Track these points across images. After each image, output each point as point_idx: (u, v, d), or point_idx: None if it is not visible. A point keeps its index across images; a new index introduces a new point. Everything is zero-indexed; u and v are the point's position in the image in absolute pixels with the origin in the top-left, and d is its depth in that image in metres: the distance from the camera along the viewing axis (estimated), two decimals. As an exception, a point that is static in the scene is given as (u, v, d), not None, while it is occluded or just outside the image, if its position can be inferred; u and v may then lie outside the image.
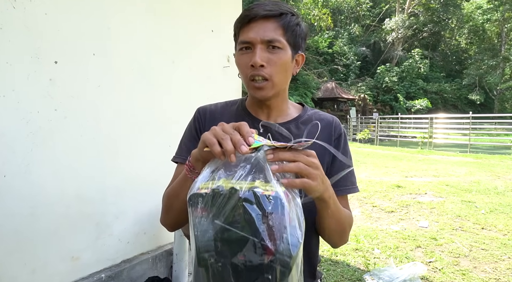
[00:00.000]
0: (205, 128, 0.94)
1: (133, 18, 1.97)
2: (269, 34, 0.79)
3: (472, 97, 28.08)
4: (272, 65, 0.81)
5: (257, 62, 0.78)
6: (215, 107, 0.98)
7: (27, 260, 1.56)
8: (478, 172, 7.36)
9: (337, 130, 0.94)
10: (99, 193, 1.86)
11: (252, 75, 0.81)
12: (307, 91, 20.69)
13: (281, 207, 0.56)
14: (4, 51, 1.43)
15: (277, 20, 0.80)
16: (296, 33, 0.83)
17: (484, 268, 2.82)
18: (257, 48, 0.79)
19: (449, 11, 29.43)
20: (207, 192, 0.59)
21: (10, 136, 1.48)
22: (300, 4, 20.13)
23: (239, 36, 0.84)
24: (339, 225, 0.80)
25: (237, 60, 0.85)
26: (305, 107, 0.99)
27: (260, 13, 0.79)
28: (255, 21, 0.80)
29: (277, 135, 0.90)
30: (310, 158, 0.64)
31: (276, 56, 0.81)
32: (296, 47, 0.85)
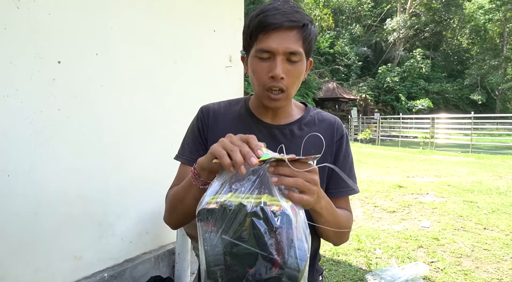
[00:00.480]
0: (209, 128, 0.94)
1: (135, 18, 1.98)
2: (291, 46, 0.77)
3: (474, 98, 28.04)
4: (290, 77, 0.80)
5: (279, 75, 0.78)
6: (218, 107, 0.97)
7: (30, 259, 1.56)
8: (480, 172, 7.35)
9: (339, 132, 0.94)
10: (102, 192, 1.86)
11: (270, 87, 0.80)
12: (308, 92, 20.68)
13: (288, 222, 0.58)
14: (8, 51, 1.44)
15: (299, 31, 0.78)
16: (312, 42, 0.83)
17: (486, 268, 2.81)
18: (278, 59, 0.78)
19: (451, 11, 29.37)
20: (216, 207, 0.60)
21: (13, 136, 1.48)
22: (302, 4, 20.13)
23: (257, 41, 0.79)
24: (335, 228, 0.81)
25: (253, 66, 0.82)
26: (308, 107, 0.99)
27: (284, 24, 0.76)
28: (278, 31, 0.76)
29: (279, 135, 0.91)
30: (311, 174, 0.65)
31: (295, 68, 0.80)
32: (309, 54, 0.85)
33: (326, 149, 0.90)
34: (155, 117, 2.11)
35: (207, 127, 0.94)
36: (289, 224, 0.57)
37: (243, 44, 0.88)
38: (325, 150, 0.90)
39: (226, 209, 0.59)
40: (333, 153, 0.92)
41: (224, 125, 0.93)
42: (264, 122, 0.92)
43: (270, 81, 0.80)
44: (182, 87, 2.30)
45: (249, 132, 0.90)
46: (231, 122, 0.94)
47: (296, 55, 0.79)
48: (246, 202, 0.59)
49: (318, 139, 0.89)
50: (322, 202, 0.72)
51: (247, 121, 0.93)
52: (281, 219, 0.57)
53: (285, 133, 0.91)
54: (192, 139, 0.95)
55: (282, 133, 0.91)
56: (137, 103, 2.01)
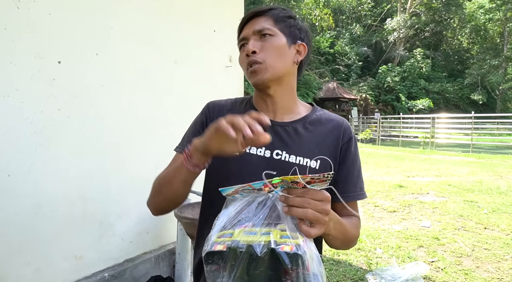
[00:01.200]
0: (212, 121, 0.92)
1: (135, 18, 1.98)
2: (258, 25, 0.85)
3: (474, 97, 28.00)
4: (264, 51, 0.84)
5: (249, 49, 0.83)
6: (225, 103, 0.98)
7: (31, 259, 1.57)
8: (480, 172, 7.34)
9: (347, 134, 0.91)
10: (102, 192, 1.86)
11: (248, 63, 0.85)
12: (308, 92, 20.67)
13: (301, 261, 0.55)
14: (8, 51, 1.44)
15: (267, 14, 0.87)
16: (290, 24, 0.88)
17: (487, 267, 2.81)
18: (250, 40, 0.85)
19: (451, 11, 29.33)
20: (224, 248, 0.57)
21: (14, 136, 1.49)
22: (302, 4, 20.12)
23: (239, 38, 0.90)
24: (343, 240, 0.81)
25: (238, 58, 0.90)
26: (315, 107, 0.98)
27: (252, 16, 0.87)
28: (250, 21, 0.87)
29: (282, 133, 0.89)
30: (322, 203, 0.62)
31: (267, 42, 0.85)
32: (292, 36, 0.88)
33: (330, 150, 0.88)
34: (155, 117, 2.12)
35: (211, 121, 0.92)
36: (302, 263, 0.55)
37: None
38: (328, 151, 0.88)
39: (236, 251, 0.56)
40: (338, 155, 0.90)
41: None
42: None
43: (246, 59, 0.85)
44: (182, 87, 2.30)
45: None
46: None
47: (265, 30, 0.85)
48: (256, 242, 0.56)
49: (322, 139, 0.88)
50: (331, 224, 0.70)
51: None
52: (295, 260, 0.55)
53: (289, 131, 0.89)
54: (192, 134, 0.93)
55: (285, 131, 0.89)
56: (137, 103, 2.01)
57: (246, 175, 0.84)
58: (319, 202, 0.62)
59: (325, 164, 0.87)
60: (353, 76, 26.80)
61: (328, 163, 0.87)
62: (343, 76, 26.73)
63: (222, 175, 0.88)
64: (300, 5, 20.03)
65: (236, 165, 0.85)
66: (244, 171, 0.85)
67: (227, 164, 0.86)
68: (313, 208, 0.61)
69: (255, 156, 0.86)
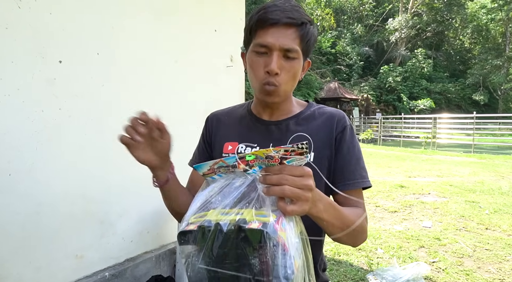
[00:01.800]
0: (212, 133, 1.00)
1: (136, 18, 1.98)
2: (288, 43, 0.78)
3: (476, 98, 27.94)
4: (285, 74, 0.81)
5: (274, 70, 0.79)
6: (223, 112, 1.04)
7: (32, 258, 1.57)
8: (482, 172, 7.32)
9: (341, 124, 0.90)
10: (103, 191, 1.87)
11: (266, 82, 0.81)
12: (310, 91, 20.65)
13: (269, 239, 0.53)
14: (9, 50, 1.44)
15: (297, 29, 0.79)
16: (311, 42, 0.84)
17: (488, 268, 2.80)
18: (274, 55, 0.79)
19: (453, 11, 29.30)
20: (194, 228, 0.57)
21: (15, 135, 1.49)
22: (303, 4, 20.11)
23: (255, 36, 0.82)
24: (343, 228, 0.74)
25: (250, 60, 0.84)
26: (310, 103, 0.99)
27: (282, 20, 0.77)
28: (276, 27, 0.78)
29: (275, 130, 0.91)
30: (302, 179, 0.59)
31: (290, 65, 0.81)
32: (307, 54, 0.86)
33: (324, 142, 0.88)
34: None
35: (212, 133, 1.00)
36: (271, 241, 0.53)
37: (243, 40, 0.89)
38: (323, 143, 0.88)
39: (205, 229, 0.56)
40: (333, 145, 0.88)
41: (225, 127, 0.99)
42: (262, 120, 0.94)
43: (265, 76, 0.81)
44: (183, 86, 2.30)
45: (247, 130, 0.94)
46: (232, 123, 0.99)
47: (292, 53, 0.79)
48: (226, 220, 0.55)
49: (315, 133, 0.89)
50: (320, 205, 0.65)
51: (246, 121, 0.97)
52: (262, 237, 0.52)
53: (281, 128, 0.91)
54: (197, 147, 1.05)
55: (278, 128, 0.91)
56: (138, 103, 2.01)
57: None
58: (298, 177, 0.59)
59: (320, 156, 0.87)
60: (355, 76, 26.77)
61: (323, 154, 0.87)
62: (345, 76, 26.69)
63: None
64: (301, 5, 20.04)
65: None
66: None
67: None
68: (291, 184, 0.58)
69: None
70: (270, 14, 0.78)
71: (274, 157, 0.58)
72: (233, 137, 0.95)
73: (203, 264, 0.57)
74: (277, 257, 0.53)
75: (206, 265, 0.57)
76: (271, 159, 0.59)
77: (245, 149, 0.91)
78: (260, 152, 0.58)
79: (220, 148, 0.95)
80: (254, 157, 0.59)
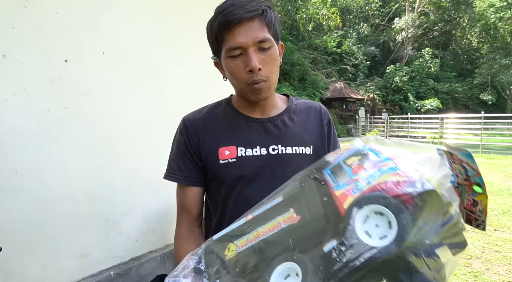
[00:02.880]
0: (200, 141, 0.89)
1: (141, 17, 1.98)
2: (258, 35, 0.76)
3: (484, 97, 27.60)
4: (267, 66, 0.79)
5: (256, 67, 0.77)
6: (202, 115, 0.94)
7: (38, 256, 1.58)
8: (490, 173, 7.23)
9: (326, 116, 0.98)
10: (108, 190, 1.87)
11: (252, 81, 0.79)
12: (315, 91, 20.58)
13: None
14: (16, 49, 1.45)
15: (260, 18, 0.77)
16: (277, 25, 0.82)
17: (497, 270, 2.76)
18: (250, 52, 0.77)
19: (461, 10, 28.98)
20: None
21: (21, 134, 1.50)
22: (309, 3, 20.06)
23: (224, 41, 0.79)
24: None
25: (228, 66, 0.81)
26: (290, 97, 1.00)
27: (244, 16, 0.75)
28: (241, 25, 0.76)
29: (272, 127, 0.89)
30: None
31: (268, 55, 0.79)
32: (278, 38, 0.84)
33: (317, 134, 0.94)
34: (160, 116, 2.11)
35: (198, 141, 0.89)
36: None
37: (211, 49, 0.86)
38: (316, 136, 0.93)
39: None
40: (325, 138, 0.95)
41: (212, 131, 0.90)
42: (254, 118, 0.90)
43: (249, 76, 0.79)
44: (188, 86, 2.30)
45: (241, 131, 0.88)
46: (221, 127, 0.90)
47: (266, 42, 0.78)
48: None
49: (308, 126, 0.93)
50: None
51: (236, 121, 0.90)
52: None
53: (277, 125, 0.90)
54: (179, 156, 0.92)
55: (274, 125, 0.90)
56: (143, 102, 2.01)
57: (250, 177, 0.84)
58: None
59: (317, 148, 0.92)
60: (361, 76, 26.62)
61: (320, 146, 0.93)
62: (350, 76, 26.56)
63: (225, 182, 0.87)
64: (307, 4, 19.97)
65: (237, 170, 0.85)
66: (246, 174, 0.85)
67: (227, 170, 0.85)
68: None
69: (252, 157, 0.85)
70: (230, 15, 0.76)
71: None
72: (227, 141, 0.87)
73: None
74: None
75: None
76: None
77: (245, 151, 0.85)
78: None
79: (215, 156, 0.86)
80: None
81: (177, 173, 0.91)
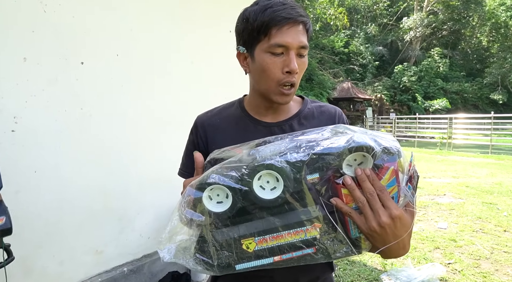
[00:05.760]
0: (208, 140, 0.91)
1: (154, 21, 2.03)
2: (303, 40, 0.78)
3: (494, 97, 27.19)
4: (299, 72, 0.80)
5: (295, 70, 0.77)
6: (213, 115, 0.95)
7: (55, 252, 1.63)
8: (500, 173, 7.15)
9: (340, 122, 0.92)
10: (122, 189, 1.92)
11: (286, 82, 0.79)
12: (322, 91, 20.52)
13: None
14: (36, 53, 1.51)
15: (304, 25, 0.79)
16: (310, 35, 0.83)
17: (507, 271, 2.75)
18: (291, 54, 0.77)
19: (470, 8, 28.57)
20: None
21: (40, 134, 1.55)
22: (316, 3, 20.00)
23: (270, 36, 0.77)
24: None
25: (264, 62, 0.80)
26: (305, 100, 0.96)
27: (298, 19, 0.76)
28: (293, 25, 0.76)
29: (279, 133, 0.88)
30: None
31: (303, 62, 0.80)
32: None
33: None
34: (172, 117, 2.16)
35: (206, 140, 0.91)
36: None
37: (242, 39, 0.85)
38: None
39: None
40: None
41: (221, 131, 0.91)
42: (262, 122, 0.90)
43: (284, 76, 0.79)
44: (199, 86, 2.34)
45: (248, 135, 0.88)
46: (230, 127, 0.91)
47: (305, 50, 0.79)
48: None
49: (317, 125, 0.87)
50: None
51: (245, 124, 0.90)
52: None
53: (285, 130, 0.88)
54: (187, 154, 0.95)
55: (282, 130, 0.88)
56: (155, 103, 2.06)
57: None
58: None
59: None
60: (368, 76, 26.45)
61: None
62: (358, 76, 26.40)
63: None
64: (314, 4, 19.91)
65: None
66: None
67: None
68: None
69: None
70: (283, 12, 0.75)
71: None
72: (234, 143, 0.86)
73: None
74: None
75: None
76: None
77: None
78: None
79: None
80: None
81: (184, 169, 0.96)
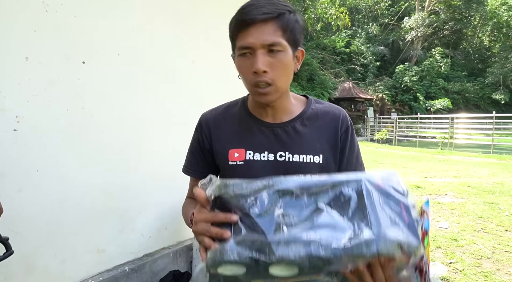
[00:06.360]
0: (212, 138, 0.92)
1: (155, 20, 2.03)
2: (268, 38, 0.76)
3: (496, 97, 27.15)
4: (274, 70, 0.78)
5: (260, 69, 0.76)
6: (217, 113, 0.96)
7: (57, 251, 1.64)
8: (501, 173, 7.13)
9: (344, 124, 0.91)
10: (123, 188, 1.93)
11: (256, 82, 0.79)
12: (324, 91, 20.53)
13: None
14: (38, 52, 1.51)
15: (275, 21, 0.77)
16: (296, 30, 0.80)
17: (508, 270, 2.74)
18: (257, 54, 0.76)
19: (472, 8, 28.53)
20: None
21: (42, 133, 1.56)
22: (317, 3, 19.99)
23: (236, 40, 0.80)
24: None
25: (238, 65, 0.82)
26: (309, 99, 0.96)
27: (258, 18, 0.75)
28: (253, 25, 0.76)
29: (282, 134, 0.88)
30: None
31: (277, 59, 0.78)
32: (296, 44, 0.82)
33: (330, 142, 0.89)
34: (173, 116, 2.17)
35: (210, 139, 0.93)
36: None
37: (231, 46, 0.87)
38: (329, 145, 0.88)
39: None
40: (338, 147, 0.89)
41: (225, 131, 0.92)
42: (265, 123, 0.90)
43: (254, 76, 0.79)
44: (200, 87, 2.34)
45: (251, 135, 0.89)
46: (231, 126, 0.92)
47: (276, 46, 0.77)
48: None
49: (321, 133, 0.88)
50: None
51: (248, 124, 0.91)
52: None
53: (288, 131, 0.88)
54: (191, 151, 0.98)
55: (284, 131, 0.88)
56: (156, 102, 2.07)
57: None
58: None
59: (327, 157, 0.87)
60: (370, 76, 26.42)
61: (330, 155, 0.88)
62: (359, 76, 26.38)
63: None
64: (315, 4, 19.90)
65: (244, 173, 0.86)
66: (252, 177, 0.84)
67: (235, 172, 0.86)
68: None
69: (259, 161, 0.86)
70: (246, 14, 0.77)
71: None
72: (237, 143, 0.89)
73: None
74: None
75: None
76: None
77: (253, 155, 0.87)
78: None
79: (225, 156, 0.89)
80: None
81: (188, 166, 0.98)
